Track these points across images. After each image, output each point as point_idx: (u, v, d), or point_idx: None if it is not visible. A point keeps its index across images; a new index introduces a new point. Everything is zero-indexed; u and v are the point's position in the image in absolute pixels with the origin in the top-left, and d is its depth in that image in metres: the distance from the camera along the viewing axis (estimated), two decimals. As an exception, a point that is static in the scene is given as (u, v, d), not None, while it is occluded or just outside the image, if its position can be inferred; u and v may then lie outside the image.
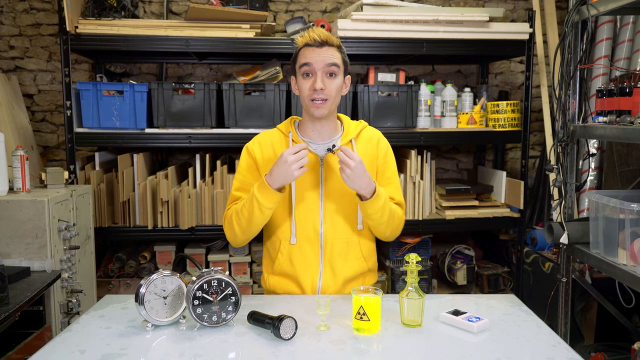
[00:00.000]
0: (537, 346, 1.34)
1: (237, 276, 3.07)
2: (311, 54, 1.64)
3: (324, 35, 1.65)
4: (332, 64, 1.64)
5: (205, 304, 1.41)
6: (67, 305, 2.22)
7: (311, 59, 1.64)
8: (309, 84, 1.65)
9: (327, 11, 3.53)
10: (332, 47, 1.66)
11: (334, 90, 1.67)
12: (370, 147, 1.78)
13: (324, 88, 1.63)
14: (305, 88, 1.66)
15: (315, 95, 1.64)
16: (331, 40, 1.66)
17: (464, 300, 1.67)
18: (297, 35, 1.70)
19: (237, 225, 1.69)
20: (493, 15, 2.97)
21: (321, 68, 1.64)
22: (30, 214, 2.10)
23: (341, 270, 1.74)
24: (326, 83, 1.64)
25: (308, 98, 1.66)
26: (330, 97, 1.66)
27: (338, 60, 1.66)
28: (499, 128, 3.10)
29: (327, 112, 1.68)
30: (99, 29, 2.76)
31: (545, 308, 2.65)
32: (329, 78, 1.65)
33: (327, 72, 1.65)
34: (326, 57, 1.64)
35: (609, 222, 2.01)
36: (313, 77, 1.65)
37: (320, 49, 1.64)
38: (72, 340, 1.36)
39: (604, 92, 2.16)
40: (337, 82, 1.67)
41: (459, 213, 3.08)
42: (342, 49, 1.70)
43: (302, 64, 1.66)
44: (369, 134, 1.81)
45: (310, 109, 1.67)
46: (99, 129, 2.81)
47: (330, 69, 1.65)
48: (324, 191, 1.72)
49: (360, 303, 1.39)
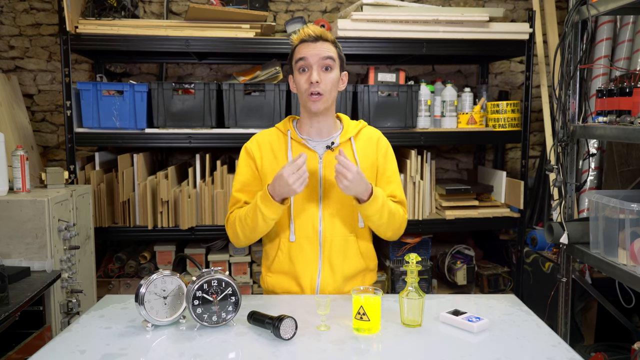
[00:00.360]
0: (537, 346, 1.34)
1: (237, 276, 3.07)
2: (306, 49, 1.66)
3: (318, 31, 1.67)
4: (327, 57, 1.66)
5: (205, 304, 1.41)
6: (67, 305, 2.22)
7: (306, 53, 1.66)
8: (304, 78, 1.67)
9: (327, 11, 3.53)
10: (326, 41, 1.68)
11: (330, 84, 1.68)
12: (369, 146, 1.78)
13: (319, 81, 1.65)
14: (301, 83, 1.68)
15: (311, 88, 1.65)
16: (325, 35, 1.68)
17: (464, 300, 1.67)
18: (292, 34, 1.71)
19: (241, 232, 1.71)
20: (493, 15, 2.97)
21: (316, 62, 1.65)
22: (30, 214, 2.09)
23: (340, 268, 1.74)
24: (322, 77, 1.66)
25: (306, 93, 1.67)
26: (326, 91, 1.67)
27: (333, 54, 1.68)
28: (499, 128, 3.10)
29: (324, 106, 1.69)
30: (99, 29, 2.76)
31: (545, 308, 2.65)
32: (325, 72, 1.67)
33: (323, 66, 1.66)
34: (321, 51, 1.66)
35: (609, 222, 2.01)
36: (309, 71, 1.67)
37: (314, 43, 1.66)
38: (72, 340, 1.36)
39: (604, 92, 2.16)
40: (332, 76, 1.68)
41: (459, 213, 3.08)
42: (337, 44, 1.71)
43: (298, 59, 1.68)
44: (369, 133, 1.81)
45: (307, 103, 1.68)
46: (99, 129, 2.81)
47: (326, 62, 1.66)
48: (323, 189, 1.73)
49: (360, 303, 1.39)
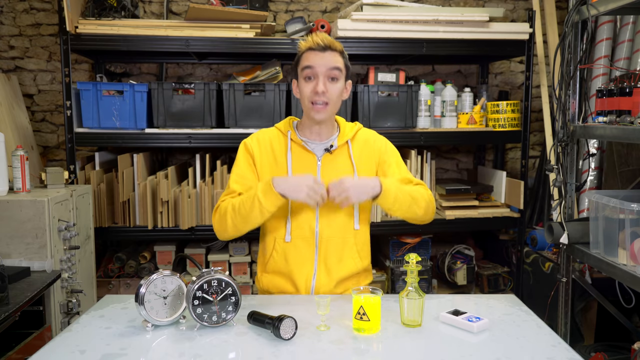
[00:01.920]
0: (537, 346, 1.34)
1: (237, 276, 3.08)
2: (314, 58, 1.66)
3: (327, 40, 1.66)
4: (334, 67, 1.66)
5: (205, 304, 1.41)
6: (67, 305, 2.22)
7: (314, 62, 1.65)
8: (310, 87, 1.67)
9: (327, 11, 3.53)
10: (335, 51, 1.67)
11: (335, 95, 1.68)
12: (366, 148, 1.79)
13: (325, 91, 1.65)
14: (306, 91, 1.67)
15: (316, 98, 1.66)
16: (334, 46, 1.67)
17: (464, 300, 1.67)
18: (300, 40, 1.71)
19: (231, 220, 1.65)
20: (493, 15, 2.97)
21: (323, 72, 1.65)
22: (30, 214, 2.10)
23: (336, 270, 1.74)
24: (328, 87, 1.66)
25: (309, 100, 1.67)
26: (332, 101, 1.68)
27: (340, 64, 1.68)
28: (499, 128, 3.10)
29: (328, 116, 1.70)
30: (99, 29, 2.76)
31: (545, 308, 2.65)
32: (331, 82, 1.67)
33: (329, 76, 1.66)
34: (329, 61, 1.65)
35: (609, 222, 2.01)
36: (315, 80, 1.66)
37: (323, 53, 1.66)
38: (72, 340, 1.36)
39: (604, 92, 2.16)
40: (338, 87, 1.69)
41: (459, 213, 3.08)
42: (344, 54, 1.71)
43: (305, 66, 1.67)
44: (364, 135, 1.82)
45: (310, 112, 1.69)
46: (99, 129, 2.81)
47: (333, 73, 1.66)
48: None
49: (360, 303, 1.39)
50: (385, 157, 1.80)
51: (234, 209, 1.65)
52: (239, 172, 1.76)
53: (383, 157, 1.80)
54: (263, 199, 1.59)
